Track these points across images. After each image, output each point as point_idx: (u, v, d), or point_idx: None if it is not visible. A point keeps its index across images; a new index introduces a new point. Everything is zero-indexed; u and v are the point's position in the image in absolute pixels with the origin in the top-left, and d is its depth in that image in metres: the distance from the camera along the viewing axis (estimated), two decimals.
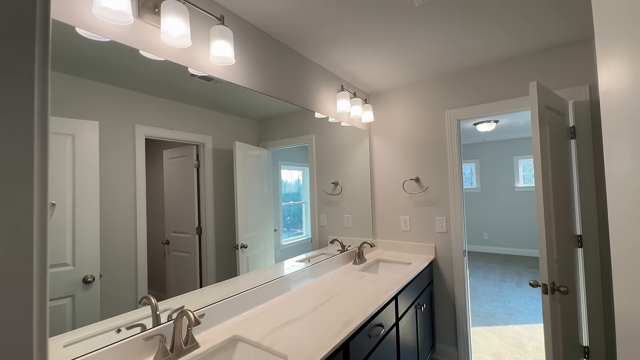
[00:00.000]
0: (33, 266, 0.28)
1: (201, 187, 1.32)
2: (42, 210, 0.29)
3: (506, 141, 5.78)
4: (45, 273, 0.28)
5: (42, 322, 0.27)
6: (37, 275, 0.28)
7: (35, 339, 0.27)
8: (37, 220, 0.28)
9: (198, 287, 1.25)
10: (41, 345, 0.27)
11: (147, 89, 1.12)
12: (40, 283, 0.28)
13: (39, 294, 0.27)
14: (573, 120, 1.90)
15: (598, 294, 1.82)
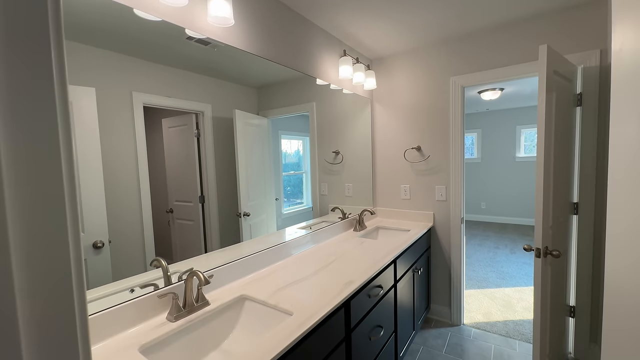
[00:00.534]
0: (67, 229, 0.29)
1: (202, 157, 1.32)
2: (70, 178, 0.30)
3: (510, 110, 5.68)
4: (78, 236, 0.30)
5: (79, 275, 0.29)
6: (72, 237, 0.29)
7: (75, 289, 0.29)
8: (67, 187, 0.29)
9: (203, 252, 1.30)
10: (80, 295, 0.30)
11: (142, 54, 1.08)
12: (75, 242, 0.30)
13: (74, 251, 0.29)
14: (581, 87, 1.86)
15: (588, 258, 1.90)
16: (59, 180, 0.29)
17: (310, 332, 0.99)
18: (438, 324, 2.42)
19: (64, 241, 0.29)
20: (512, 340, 2.19)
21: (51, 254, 0.28)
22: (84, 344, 0.31)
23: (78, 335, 0.30)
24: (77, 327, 0.30)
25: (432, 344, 2.17)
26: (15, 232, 0.26)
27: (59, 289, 0.29)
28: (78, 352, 0.30)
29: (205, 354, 1.04)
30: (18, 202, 0.26)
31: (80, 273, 0.30)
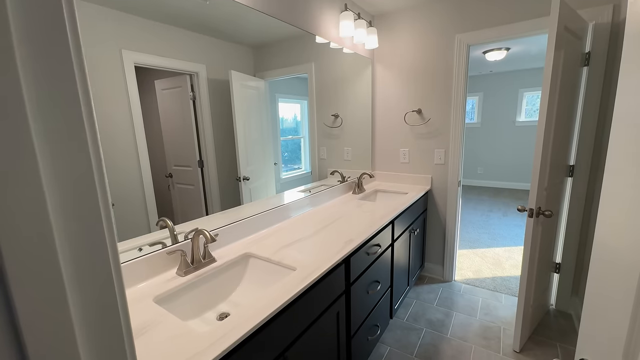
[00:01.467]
0: (95, 181, 0.30)
1: (199, 120, 1.30)
2: (95, 148, 0.30)
3: (514, 72, 5.51)
4: (106, 194, 0.31)
5: (110, 228, 0.31)
6: (100, 193, 0.30)
7: (107, 238, 0.31)
8: (94, 157, 0.30)
9: (205, 215, 1.33)
10: (112, 243, 0.32)
11: (130, 8, 1.01)
12: (104, 199, 0.31)
13: (104, 206, 0.31)
14: (590, 45, 1.79)
15: (578, 218, 1.97)
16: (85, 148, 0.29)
17: (313, 285, 1.05)
18: (431, 280, 2.57)
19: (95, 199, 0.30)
20: (499, 294, 2.34)
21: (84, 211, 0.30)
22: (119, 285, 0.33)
23: (114, 277, 0.33)
24: (112, 271, 0.33)
25: (424, 297, 2.33)
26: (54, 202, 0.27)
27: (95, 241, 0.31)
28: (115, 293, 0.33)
29: (215, 305, 1.12)
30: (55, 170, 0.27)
31: (110, 225, 0.32)
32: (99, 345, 0.33)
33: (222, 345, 0.73)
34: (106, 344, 0.34)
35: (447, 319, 2.07)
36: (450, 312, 2.14)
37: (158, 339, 0.77)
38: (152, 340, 0.76)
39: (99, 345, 0.33)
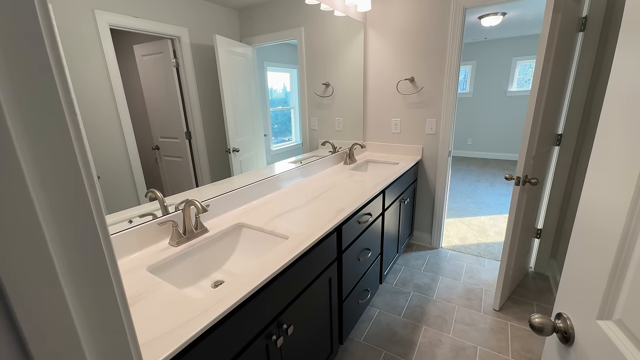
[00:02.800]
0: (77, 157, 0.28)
1: (184, 89, 1.24)
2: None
3: (508, 40, 5.38)
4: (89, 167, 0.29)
5: (95, 197, 0.29)
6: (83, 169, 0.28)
7: (93, 206, 0.30)
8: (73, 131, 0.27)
9: (194, 187, 1.31)
10: (98, 211, 0.30)
11: None
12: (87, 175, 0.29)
13: (86, 175, 0.29)
14: (587, 9, 1.74)
15: (562, 186, 2.04)
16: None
17: (305, 252, 1.07)
18: (419, 247, 2.67)
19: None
20: (482, 259, 2.46)
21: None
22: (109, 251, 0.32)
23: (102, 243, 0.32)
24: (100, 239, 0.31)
25: (412, 264, 2.43)
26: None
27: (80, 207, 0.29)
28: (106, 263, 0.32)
29: (209, 274, 1.13)
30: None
31: (95, 194, 0.30)
32: (94, 313, 0.33)
33: (218, 310, 0.75)
34: (101, 312, 0.34)
35: (433, 283, 2.18)
36: (437, 276, 2.25)
37: (154, 305, 0.78)
38: (148, 307, 0.77)
39: (94, 312, 0.33)
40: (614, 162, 0.50)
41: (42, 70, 0.27)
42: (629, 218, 0.46)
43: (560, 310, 0.63)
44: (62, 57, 0.28)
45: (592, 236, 0.55)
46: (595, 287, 0.53)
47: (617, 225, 0.48)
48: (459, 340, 1.67)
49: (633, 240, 0.46)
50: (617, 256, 0.48)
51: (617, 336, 0.47)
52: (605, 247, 0.51)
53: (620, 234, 0.47)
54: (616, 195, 0.49)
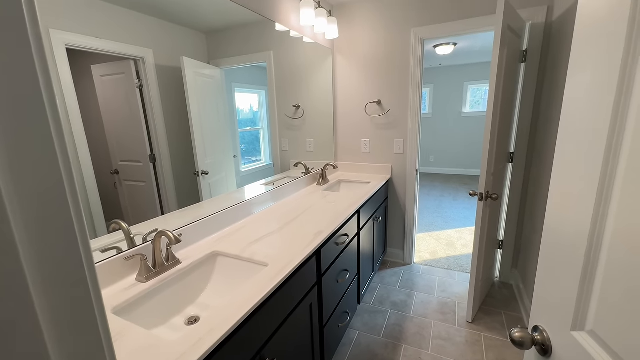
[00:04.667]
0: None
1: (148, 111, 1.19)
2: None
3: (460, 66, 5.92)
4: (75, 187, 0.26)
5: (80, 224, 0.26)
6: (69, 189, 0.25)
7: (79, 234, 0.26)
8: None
9: (160, 214, 1.23)
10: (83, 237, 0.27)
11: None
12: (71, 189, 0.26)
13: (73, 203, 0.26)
14: (527, 43, 1.98)
15: (517, 200, 2.21)
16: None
17: (286, 279, 1.04)
18: (393, 264, 2.71)
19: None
20: (453, 272, 2.56)
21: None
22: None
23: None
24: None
25: (388, 281, 2.45)
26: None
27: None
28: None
29: (182, 309, 1.05)
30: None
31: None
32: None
33: (197, 353, 0.69)
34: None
35: (409, 299, 2.21)
36: (412, 292, 2.29)
37: (123, 354, 0.70)
38: (117, 357, 0.69)
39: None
40: (574, 179, 0.56)
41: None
42: (591, 231, 0.51)
43: (536, 322, 0.67)
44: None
45: (559, 250, 0.60)
46: (567, 299, 0.57)
47: (582, 238, 0.53)
48: (438, 357, 1.69)
49: (597, 252, 0.51)
50: (584, 268, 0.53)
51: (592, 346, 0.50)
52: (572, 260, 0.55)
53: (585, 246, 0.52)
54: (578, 210, 0.54)
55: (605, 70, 0.48)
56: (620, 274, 0.46)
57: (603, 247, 0.50)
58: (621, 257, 0.46)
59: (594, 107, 0.51)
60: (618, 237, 0.47)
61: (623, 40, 0.45)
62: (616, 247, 0.47)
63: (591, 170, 0.51)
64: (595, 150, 0.50)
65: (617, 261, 0.47)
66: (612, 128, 0.47)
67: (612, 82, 0.47)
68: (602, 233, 0.50)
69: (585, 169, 0.52)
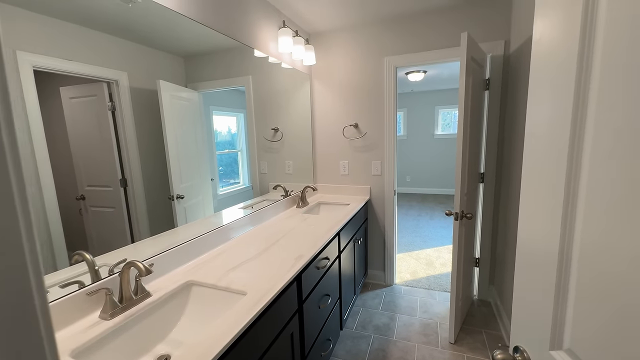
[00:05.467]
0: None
1: (120, 134, 1.15)
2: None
3: (430, 92, 6.29)
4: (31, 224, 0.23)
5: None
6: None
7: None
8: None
9: (130, 242, 1.15)
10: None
11: (23, 2, 0.85)
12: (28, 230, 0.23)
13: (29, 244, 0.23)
14: (489, 73, 2.15)
15: (489, 218, 2.30)
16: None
17: (266, 308, 1.00)
18: (374, 286, 2.69)
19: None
20: (433, 292, 2.57)
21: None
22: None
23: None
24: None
25: (370, 304, 2.41)
26: None
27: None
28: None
29: (151, 347, 0.97)
30: None
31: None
32: None
33: None
34: None
35: (392, 322, 2.17)
36: (394, 314, 2.26)
37: None
38: None
39: None
40: (540, 201, 0.59)
41: None
42: (560, 248, 0.53)
43: (517, 343, 0.68)
44: None
45: (532, 270, 0.62)
46: (543, 318, 0.58)
47: (552, 256, 0.55)
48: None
49: (567, 271, 0.53)
50: (557, 286, 0.55)
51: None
52: (544, 280, 0.57)
53: (556, 263, 0.54)
54: (545, 229, 0.57)
55: (561, 94, 0.53)
56: (590, 290, 0.48)
57: (572, 264, 0.52)
58: (590, 273, 0.48)
59: (552, 135, 0.55)
60: (586, 254, 0.49)
61: (574, 72, 0.50)
62: (585, 263, 0.49)
63: (555, 190, 0.54)
64: (557, 172, 0.53)
65: (587, 277, 0.49)
66: (570, 149, 0.51)
67: (568, 106, 0.51)
68: (571, 250, 0.52)
69: (549, 190, 0.56)
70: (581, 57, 0.48)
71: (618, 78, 0.42)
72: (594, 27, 0.46)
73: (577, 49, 0.48)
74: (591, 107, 0.47)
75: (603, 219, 0.45)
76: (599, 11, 0.45)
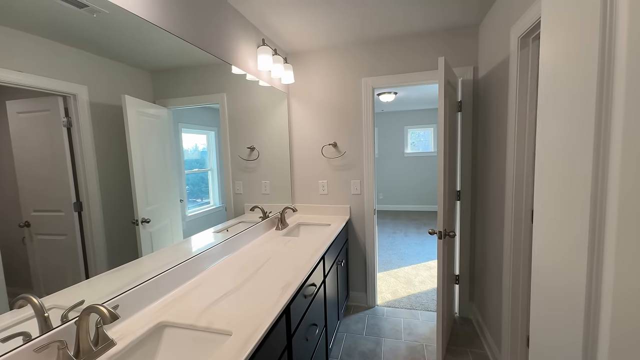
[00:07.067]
0: None
1: (76, 152, 1.01)
2: None
3: (400, 112, 6.57)
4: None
5: None
6: None
7: None
8: None
9: (84, 278, 0.98)
10: None
11: None
12: None
13: None
14: (461, 95, 2.27)
15: (467, 235, 2.35)
16: None
17: (256, 350, 0.88)
18: (357, 309, 2.60)
19: None
20: (416, 312, 2.53)
21: None
22: None
23: None
24: None
25: (353, 329, 2.31)
26: None
27: None
28: None
29: None
30: None
31: None
32: None
33: None
34: None
35: (377, 348, 2.08)
36: (379, 339, 2.18)
37: None
38: None
39: None
40: (562, 229, 0.57)
41: None
42: (588, 282, 0.51)
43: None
44: None
45: (544, 296, 0.59)
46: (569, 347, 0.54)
47: (579, 292, 0.52)
48: None
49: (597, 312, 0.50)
50: (587, 322, 0.51)
51: None
52: (567, 312, 0.54)
53: (584, 307, 0.51)
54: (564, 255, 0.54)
55: (580, 115, 0.52)
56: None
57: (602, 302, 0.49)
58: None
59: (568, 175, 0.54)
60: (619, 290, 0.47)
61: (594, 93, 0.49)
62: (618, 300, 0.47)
63: (581, 221, 0.52)
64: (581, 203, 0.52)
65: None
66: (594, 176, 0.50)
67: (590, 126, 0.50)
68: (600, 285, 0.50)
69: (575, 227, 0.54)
70: (601, 77, 0.48)
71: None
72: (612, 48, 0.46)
73: (597, 69, 0.48)
74: (616, 124, 0.46)
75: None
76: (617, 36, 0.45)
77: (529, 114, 1.46)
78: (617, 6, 0.44)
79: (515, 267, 1.58)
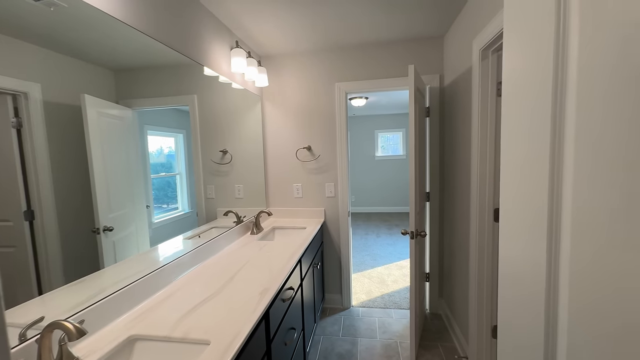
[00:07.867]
0: None
1: (27, 156, 0.94)
2: None
3: (370, 116, 6.75)
4: None
5: None
6: None
7: None
8: None
9: (36, 294, 0.89)
10: None
11: None
12: None
13: None
14: (428, 102, 2.39)
15: (436, 234, 2.47)
16: None
17: (236, 357, 0.86)
18: (332, 310, 2.61)
19: None
20: (389, 310, 2.60)
21: None
22: None
23: None
24: None
25: (330, 330, 2.32)
26: None
27: None
28: None
29: None
30: None
31: None
32: None
33: None
34: None
35: (354, 348, 2.11)
36: (355, 339, 2.21)
37: None
38: None
39: None
40: (524, 220, 0.62)
41: None
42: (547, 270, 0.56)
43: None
44: None
45: (512, 290, 0.65)
46: (533, 344, 0.60)
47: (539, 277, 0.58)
48: None
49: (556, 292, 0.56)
50: (547, 316, 0.57)
51: None
52: (531, 304, 0.60)
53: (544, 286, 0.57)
54: (527, 250, 0.60)
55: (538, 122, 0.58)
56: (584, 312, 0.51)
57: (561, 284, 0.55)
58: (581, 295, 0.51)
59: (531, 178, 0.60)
60: (575, 272, 0.52)
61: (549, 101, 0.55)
62: (575, 283, 0.52)
63: (539, 212, 0.58)
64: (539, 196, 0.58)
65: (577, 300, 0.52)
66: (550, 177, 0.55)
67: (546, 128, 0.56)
68: (558, 269, 0.55)
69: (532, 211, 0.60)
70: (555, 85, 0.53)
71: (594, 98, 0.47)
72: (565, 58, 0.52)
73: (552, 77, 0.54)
74: (569, 124, 0.52)
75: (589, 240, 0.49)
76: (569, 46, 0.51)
77: (490, 120, 1.58)
78: (569, 24, 0.50)
79: (480, 260, 1.69)
